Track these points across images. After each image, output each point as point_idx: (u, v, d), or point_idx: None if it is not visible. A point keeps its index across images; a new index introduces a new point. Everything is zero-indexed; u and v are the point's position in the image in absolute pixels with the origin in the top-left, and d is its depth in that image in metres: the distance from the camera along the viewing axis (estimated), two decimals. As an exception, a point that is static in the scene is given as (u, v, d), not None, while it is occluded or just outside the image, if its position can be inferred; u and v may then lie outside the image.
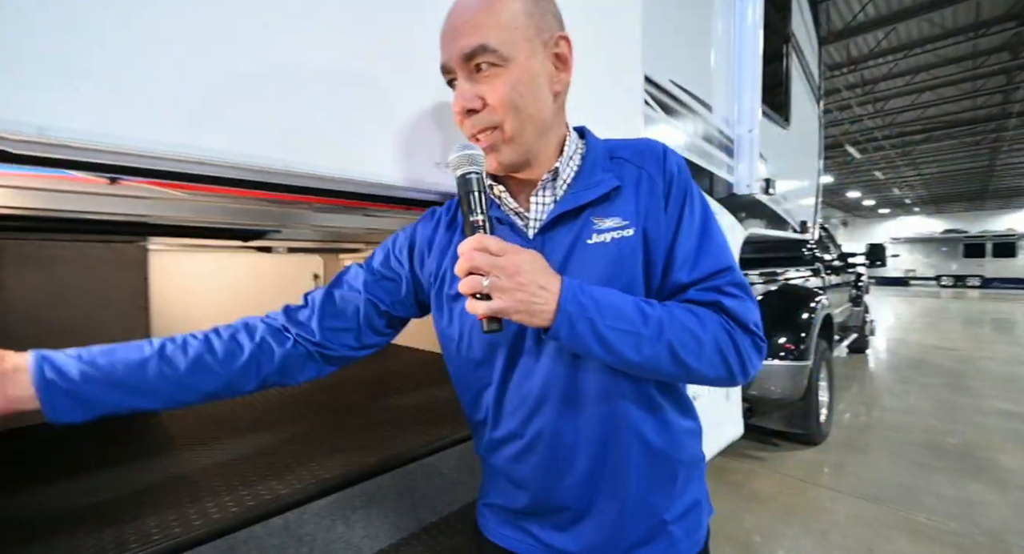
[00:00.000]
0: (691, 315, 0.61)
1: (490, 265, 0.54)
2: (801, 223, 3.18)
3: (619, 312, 0.58)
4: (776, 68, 2.82)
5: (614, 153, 0.70)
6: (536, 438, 0.67)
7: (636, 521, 0.68)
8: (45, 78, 0.45)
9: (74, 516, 0.96)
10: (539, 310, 0.55)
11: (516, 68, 0.61)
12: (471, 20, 0.60)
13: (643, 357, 0.58)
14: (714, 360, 0.61)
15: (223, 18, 0.58)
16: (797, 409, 3.17)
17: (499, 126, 0.63)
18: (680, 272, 0.64)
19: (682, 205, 0.66)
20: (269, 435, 1.42)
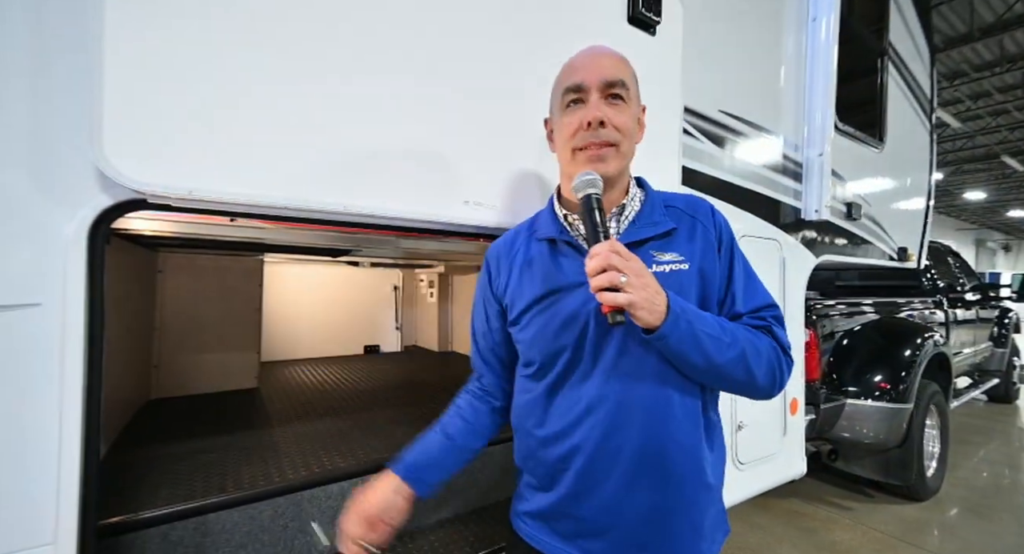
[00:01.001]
0: (750, 333, 0.74)
1: (623, 266, 0.63)
2: (900, 250, 2.86)
3: (706, 320, 0.69)
4: (869, 84, 2.63)
5: (668, 203, 0.83)
6: (581, 443, 0.75)
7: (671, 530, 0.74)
8: (191, 160, 0.70)
9: (196, 464, 1.28)
10: (657, 308, 0.64)
11: (631, 109, 0.78)
12: (614, 62, 0.78)
13: (724, 359, 0.69)
14: (767, 370, 0.73)
15: (313, 111, 0.82)
16: (894, 457, 2.82)
17: (616, 144, 0.76)
18: (737, 304, 0.78)
19: (731, 253, 0.80)
20: (339, 420, 1.70)
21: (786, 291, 1.97)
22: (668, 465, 0.73)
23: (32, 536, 0.63)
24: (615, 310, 0.63)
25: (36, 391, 0.63)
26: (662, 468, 0.73)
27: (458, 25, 1.03)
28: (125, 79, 0.65)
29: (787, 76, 1.99)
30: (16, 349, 0.62)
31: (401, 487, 0.82)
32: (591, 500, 0.76)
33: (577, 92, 0.77)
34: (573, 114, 0.77)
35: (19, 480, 0.63)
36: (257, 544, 1.09)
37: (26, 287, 0.63)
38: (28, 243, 0.63)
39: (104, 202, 0.67)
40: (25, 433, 0.63)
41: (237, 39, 0.75)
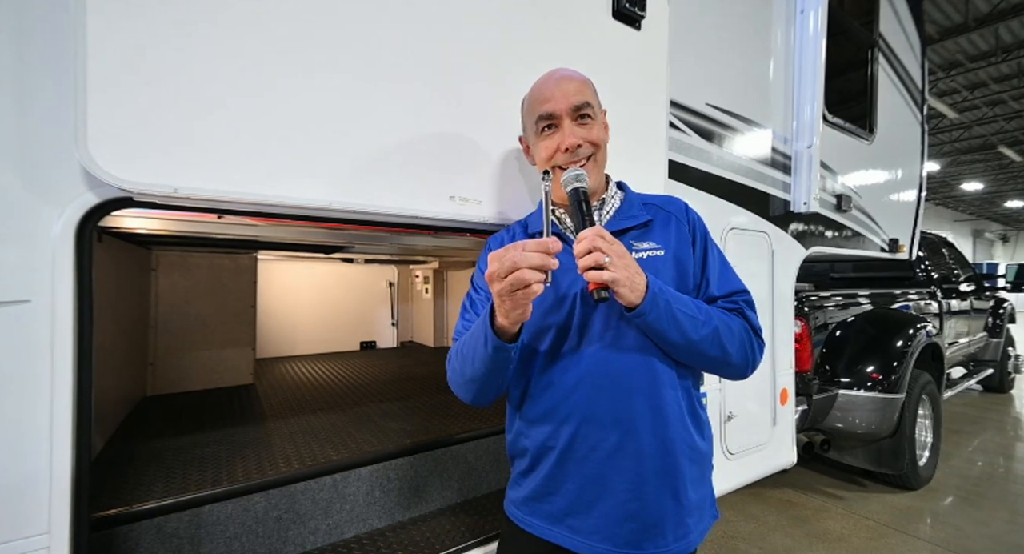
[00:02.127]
0: (723, 314, 0.81)
1: (607, 247, 0.70)
2: (891, 241, 2.88)
3: (683, 300, 0.76)
4: (859, 76, 2.63)
5: (645, 200, 0.93)
6: (569, 415, 0.80)
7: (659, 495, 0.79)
8: (176, 159, 0.72)
9: (190, 458, 1.30)
10: (637, 286, 0.71)
11: (598, 122, 0.89)
12: (577, 87, 0.87)
13: (699, 336, 0.75)
14: (740, 349, 0.80)
15: (296, 108, 0.83)
16: (886, 447, 2.85)
17: (592, 156, 0.86)
18: (712, 288, 0.86)
19: (705, 244, 0.88)
20: (333, 415, 1.72)
21: (775, 283, 1.99)
22: (652, 429, 0.78)
23: (27, 526, 0.65)
24: (600, 287, 0.69)
25: (27, 386, 0.65)
26: (646, 432, 0.78)
27: (443, 22, 1.04)
28: (108, 78, 0.66)
29: (775, 69, 2.00)
30: (6, 345, 0.64)
31: None
32: (578, 472, 0.81)
33: (550, 119, 0.87)
34: (550, 138, 0.87)
35: (12, 473, 0.65)
36: (251, 535, 1.11)
37: (15, 284, 0.64)
38: (16, 241, 0.65)
39: (91, 200, 0.69)
40: (17, 427, 0.65)
41: (220, 38, 0.76)
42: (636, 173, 1.38)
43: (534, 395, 0.85)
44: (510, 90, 1.15)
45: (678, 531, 0.80)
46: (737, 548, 2.36)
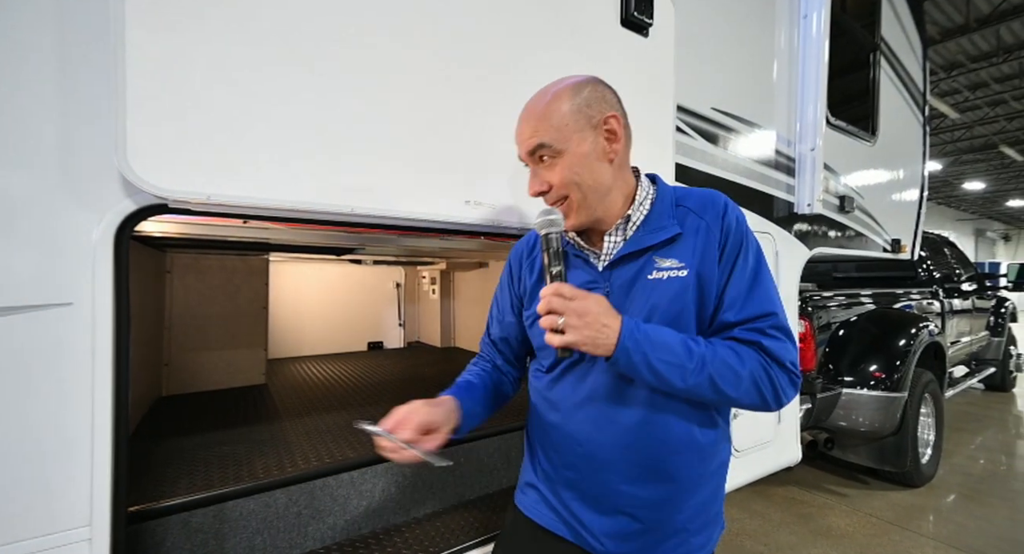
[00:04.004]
0: (732, 353, 0.72)
1: (564, 307, 0.68)
2: (893, 241, 2.90)
3: (668, 347, 0.70)
4: (861, 79, 2.66)
5: (680, 201, 0.82)
6: (576, 433, 0.81)
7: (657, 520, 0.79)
8: (208, 167, 0.75)
9: (212, 456, 1.33)
10: (602, 343, 0.68)
11: (569, 155, 0.76)
12: (532, 125, 0.77)
13: (687, 385, 0.70)
14: (750, 391, 0.72)
15: (321, 119, 0.86)
16: (889, 445, 2.88)
17: (565, 198, 0.78)
18: (728, 313, 0.76)
19: (737, 255, 0.77)
20: (346, 414, 1.75)
21: (780, 284, 2.02)
22: (657, 459, 0.77)
23: (71, 519, 0.68)
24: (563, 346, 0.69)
25: (70, 386, 0.68)
26: (652, 462, 0.77)
27: (457, 31, 1.07)
28: (146, 91, 0.69)
29: (779, 73, 2.02)
30: (51, 346, 0.67)
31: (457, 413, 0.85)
32: (581, 490, 0.82)
33: (522, 159, 0.82)
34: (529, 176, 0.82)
35: (58, 469, 0.68)
36: (272, 530, 1.14)
37: (58, 288, 0.67)
38: (60, 246, 0.68)
39: (128, 207, 0.72)
40: (61, 425, 0.68)
41: (249, 52, 0.79)
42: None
43: (553, 403, 0.85)
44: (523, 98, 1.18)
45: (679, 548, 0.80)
46: (743, 545, 2.38)
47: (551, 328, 0.68)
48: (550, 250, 0.74)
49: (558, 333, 0.68)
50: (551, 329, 0.68)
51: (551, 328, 0.68)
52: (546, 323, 0.69)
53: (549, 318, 0.68)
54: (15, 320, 0.64)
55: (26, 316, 0.65)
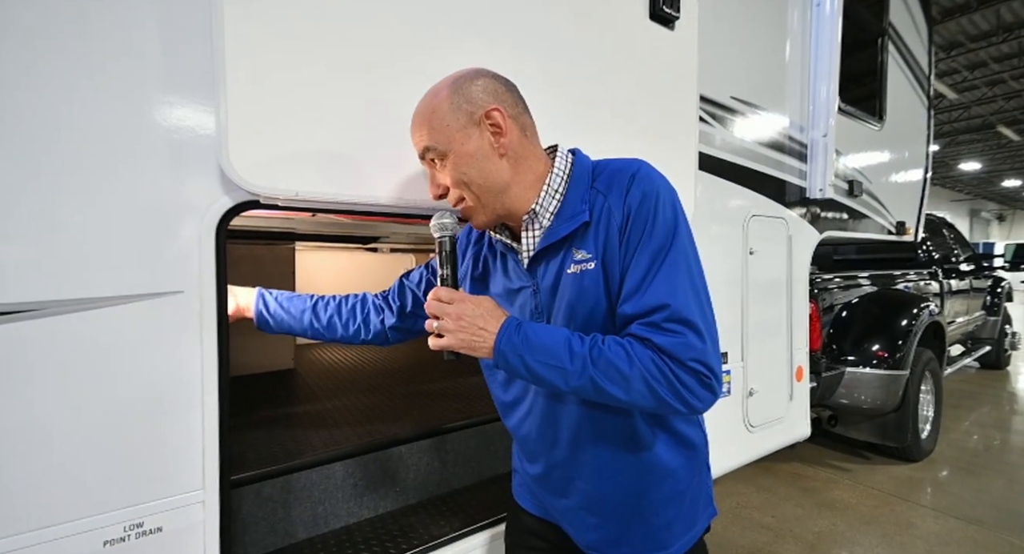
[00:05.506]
0: (622, 351, 0.65)
1: (440, 311, 0.68)
2: (898, 224, 2.98)
3: (547, 349, 0.66)
4: (869, 64, 2.71)
5: (595, 182, 0.74)
6: (528, 434, 0.83)
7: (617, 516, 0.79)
8: (297, 166, 0.82)
9: (271, 433, 1.41)
10: (479, 346, 0.67)
11: (454, 156, 0.71)
12: (416, 128, 0.74)
13: (571, 388, 0.66)
14: (644, 394, 0.64)
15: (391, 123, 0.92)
16: (891, 421, 3.00)
17: (462, 199, 0.74)
18: (625, 305, 0.68)
19: (640, 238, 0.68)
20: (381, 395, 1.84)
21: (792, 267, 2.10)
22: (601, 457, 0.77)
23: (190, 483, 0.76)
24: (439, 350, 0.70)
25: (185, 366, 0.76)
26: (596, 460, 0.77)
27: (489, 26, 1.11)
28: (243, 98, 0.76)
29: (792, 61, 2.08)
30: (168, 330, 0.74)
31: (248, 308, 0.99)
32: (543, 486, 0.85)
33: None
34: None
35: (176, 441, 0.76)
36: (332, 500, 1.23)
37: (172, 277, 0.74)
38: (172, 240, 0.75)
39: (227, 203, 0.78)
40: (177, 403, 0.75)
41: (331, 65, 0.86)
42: (669, 165, 1.46)
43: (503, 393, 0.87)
44: (559, 92, 1.23)
45: (652, 542, 0.79)
46: (751, 517, 2.51)
47: (429, 331, 0.69)
48: (441, 253, 0.73)
49: (438, 336, 0.69)
50: (430, 332, 0.69)
51: (429, 331, 0.69)
52: (427, 326, 0.70)
53: (428, 322, 0.69)
54: (139, 307, 0.71)
55: (147, 303, 0.72)
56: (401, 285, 1.02)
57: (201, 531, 0.76)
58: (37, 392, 0.66)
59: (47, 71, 0.66)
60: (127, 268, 0.71)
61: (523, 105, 0.77)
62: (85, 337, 0.68)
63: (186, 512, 0.75)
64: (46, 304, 0.65)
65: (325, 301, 1.02)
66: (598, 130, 1.30)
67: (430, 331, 0.69)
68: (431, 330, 0.69)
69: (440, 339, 0.68)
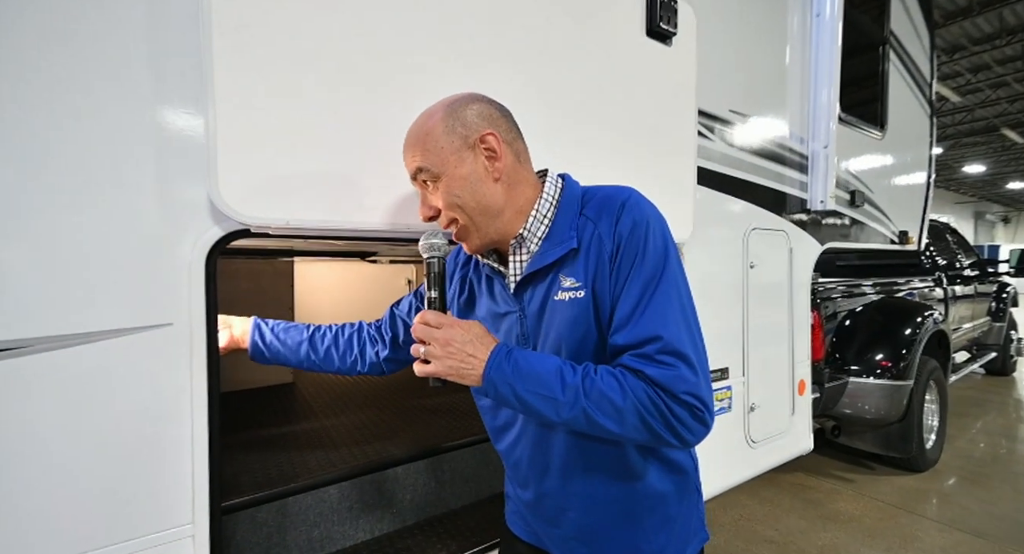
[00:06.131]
0: (615, 382, 0.63)
1: (427, 336, 0.65)
2: (901, 233, 2.96)
3: (538, 379, 0.63)
4: (870, 73, 2.69)
5: (584, 208, 0.74)
6: (518, 461, 0.81)
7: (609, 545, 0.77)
8: (287, 195, 0.82)
9: (266, 454, 1.40)
10: (468, 374, 0.65)
11: (448, 178, 0.70)
12: (411, 149, 0.72)
13: (562, 419, 0.64)
14: (638, 427, 0.63)
15: (379, 153, 0.91)
16: (895, 431, 2.97)
17: (455, 221, 0.73)
18: (616, 335, 0.67)
19: (631, 267, 0.67)
20: (378, 411, 1.83)
21: (794, 280, 2.08)
22: (592, 486, 0.75)
23: (179, 518, 0.75)
24: (425, 376, 0.66)
25: (174, 399, 0.75)
26: (587, 489, 0.76)
27: (484, 46, 1.10)
28: (233, 129, 0.75)
29: (792, 72, 2.06)
30: (157, 364, 0.74)
31: (243, 338, 0.97)
32: (535, 513, 0.84)
33: None
34: None
35: (165, 475, 0.75)
36: (328, 523, 1.22)
37: (161, 310, 0.73)
38: (161, 273, 0.74)
39: (217, 233, 0.78)
40: (167, 434, 0.75)
41: (321, 91, 0.86)
42: (665, 180, 1.46)
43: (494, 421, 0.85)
44: (556, 111, 1.23)
45: None
46: (754, 530, 2.48)
47: (416, 357, 0.66)
48: (430, 275, 0.71)
49: (424, 362, 0.66)
50: (416, 358, 0.66)
51: (416, 357, 0.66)
52: (413, 351, 0.67)
53: (415, 346, 0.66)
54: (127, 341, 0.71)
55: (136, 337, 0.71)
56: (392, 315, 1.00)
57: (191, 566, 0.75)
58: (25, 429, 0.65)
59: (35, 103, 0.66)
60: (115, 303, 0.70)
61: (517, 131, 0.77)
62: (73, 374, 0.68)
63: (176, 546, 0.74)
64: (30, 342, 0.64)
65: (322, 332, 1.00)
66: (594, 148, 1.29)
67: (416, 356, 0.66)
68: (417, 355, 0.66)
69: (427, 366, 0.65)
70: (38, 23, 0.66)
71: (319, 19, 0.84)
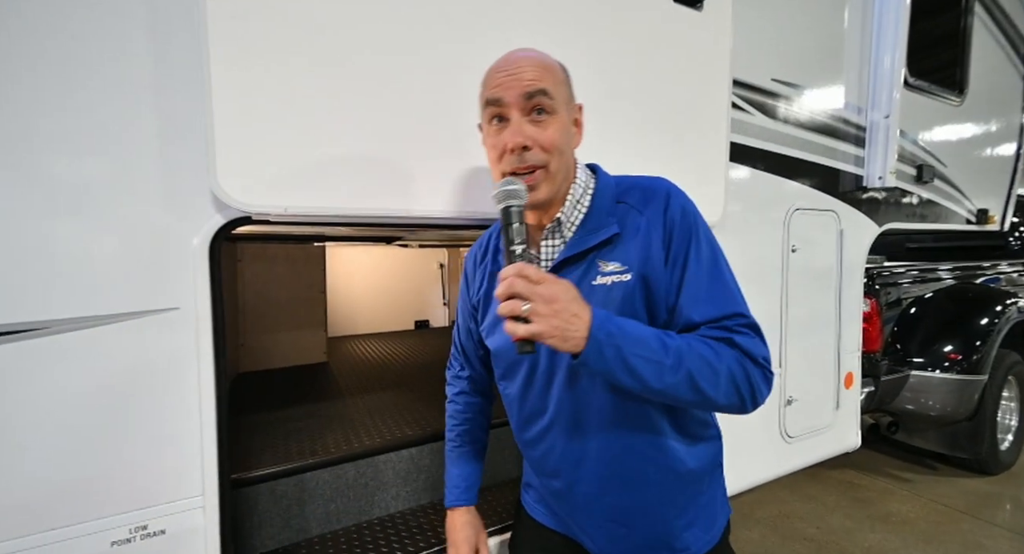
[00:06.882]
0: (707, 347, 0.65)
1: (529, 292, 0.57)
2: (980, 211, 2.64)
3: (643, 341, 0.62)
4: (949, 29, 2.38)
5: (622, 197, 0.75)
6: (549, 450, 0.80)
7: (644, 524, 0.78)
8: (285, 183, 0.83)
9: (288, 431, 1.48)
10: (572, 336, 0.58)
11: (559, 119, 0.70)
12: (533, 68, 0.69)
13: (664, 384, 0.62)
14: (728, 390, 0.64)
15: (377, 137, 0.91)
16: (963, 430, 2.72)
17: (545, 165, 0.69)
18: (692, 313, 0.68)
19: (687, 250, 0.69)
20: (402, 392, 1.88)
21: (843, 264, 1.91)
22: (630, 469, 0.75)
23: (189, 489, 0.81)
24: (523, 339, 0.58)
25: (182, 379, 0.80)
26: (624, 473, 0.75)
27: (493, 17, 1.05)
28: (230, 121, 0.77)
29: (851, 31, 1.86)
30: (165, 346, 0.78)
31: (471, 511, 0.96)
32: (566, 501, 0.82)
33: (497, 107, 0.70)
34: (498, 135, 0.71)
35: (176, 450, 0.80)
36: (344, 499, 1.27)
37: (167, 295, 0.78)
38: (166, 259, 0.78)
39: (219, 221, 0.81)
40: (177, 412, 0.80)
41: (316, 82, 0.86)
42: (694, 158, 1.36)
43: (520, 421, 0.85)
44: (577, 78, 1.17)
45: (675, 546, 0.79)
46: (793, 527, 2.37)
47: (513, 315, 0.58)
48: (512, 226, 0.63)
49: (521, 322, 0.58)
50: (513, 316, 0.58)
51: (513, 315, 0.58)
52: (507, 309, 0.58)
53: (511, 303, 0.58)
54: (136, 324, 0.76)
55: (144, 320, 0.76)
56: (462, 351, 0.98)
57: (203, 534, 0.81)
58: (45, 405, 0.71)
59: (37, 97, 0.70)
60: (125, 288, 0.75)
61: None
62: (86, 354, 0.73)
63: (187, 516, 0.80)
64: (48, 323, 0.70)
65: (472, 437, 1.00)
66: (615, 122, 1.22)
67: (512, 315, 0.58)
68: (514, 313, 0.57)
69: (528, 326, 0.57)
70: (38, 16, 0.70)
71: (316, 5, 0.83)
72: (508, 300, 0.58)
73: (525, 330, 0.57)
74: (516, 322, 0.58)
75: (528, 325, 0.58)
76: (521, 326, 0.58)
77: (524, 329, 0.58)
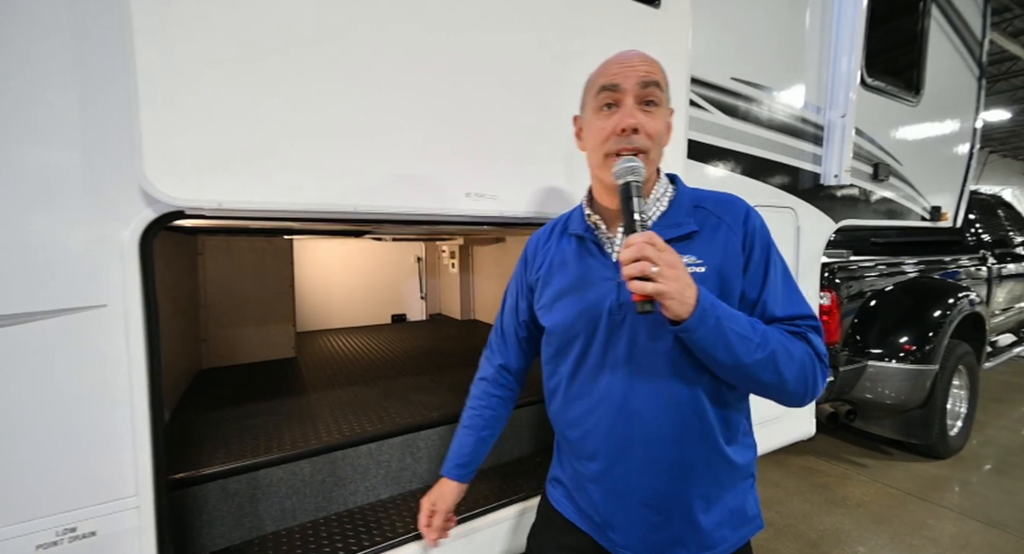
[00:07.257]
0: (785, 336, 0.74)
1: (657, 257, 0.64)
2: (933, 209, 2.74)
3: (736, 318, 0.69)
4: (905, 31, 2.44)
5: (698, 203, 0.82)
6: (592, 430, 0.83)
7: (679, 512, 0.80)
8: (218, 177, 0.80)
9: (245, 427, 1.46)
10: (687, 300, 0.65)
11: (662, 114, 0.79)
12: (648, 64, 0.78)
13: (752, 360, 0.68)
14: (799, 377, 0.72)
15: (317, 126, 0.89)
16: (915, 417, 2.84)
17: (647, 151, 0.76)
18: (774, 308, 0.77)
19: (767, 259, 0.79)
20: (368, 388, 1.86)
21: (800, 259, 1.97)
22: (676, 455, 0.78)
23: (120, 490, 0.79)
24: (645, 299, 0.65)
25: (112, 378, 0.78)
26: (670, 457, 0.78)
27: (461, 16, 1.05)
28: (157, 114, 0.75)
29: (810, 33, 1.89)
30: (90, 345, 0.76)
31: (449, 483, 1.06)
32: (601, 485, 0.84)
33: (613, 92, 0.77)
34: (607, 118, 0.77)
35: (105, 450, 0.78)
36: (300, 496, 1.26)
37: (93, 292, 0.75)
38: (92, 255, 0.76)
39: (150, 215, 0.78)
40: (105, 412, 0.78)
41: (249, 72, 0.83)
42: (653, 155, 1.38)
43: (567, 402, 0.88)
44: (529, 80, 1.17)
45: (703, 542, 0.81)
46: (755, 512, 2.45)
47: (641, 275, 0.64)
48: (633, 199, 0.71)
49: (646, 281, 0.65)
50: (640, 276, 0.65)
51: (641, 275, 0.64)
52: (635, 269, 0.65)
53: (640, 264, 0.64)
54: (61, 321, 0.73)
55: (69, 318, 0.74)
56: (500, 332, 1.05)
57: (137, 535, 0.79)
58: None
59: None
60: (51, 285, 0.73)
61: None
62: (10, 352, 0.71)
63: (120, 517, 0.78)
64: (-38, 322, 0.67)
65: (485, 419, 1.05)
66: (565, 117, 1.23)
67: (641, 275, 0.64)
68: (642, 273, 0.64)
69: (656, 284, 0.64)
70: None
71: (250, -9, 0.81)
72: (635, 262, 0.65)
73: (653, 288, 0.64)
74: (643, 282, 0.65)
75: (656, 284, 0.64)
76: (650, 285, 0.64)
77: (652, 287, 0.64)
